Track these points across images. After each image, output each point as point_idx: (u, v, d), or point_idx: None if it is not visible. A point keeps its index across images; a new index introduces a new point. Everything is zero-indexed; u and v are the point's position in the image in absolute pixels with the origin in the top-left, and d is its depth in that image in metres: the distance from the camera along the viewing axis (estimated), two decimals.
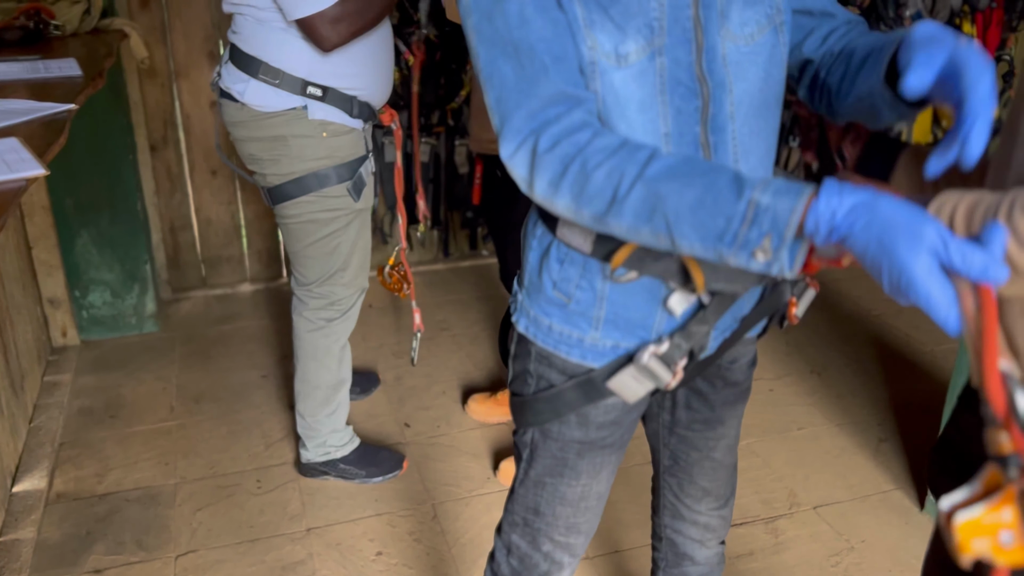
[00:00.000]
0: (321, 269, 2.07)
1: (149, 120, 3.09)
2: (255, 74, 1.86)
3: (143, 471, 2.33)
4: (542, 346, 1.13)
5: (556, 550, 1.25)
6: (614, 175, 0.87)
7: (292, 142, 1.90)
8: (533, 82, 0.91)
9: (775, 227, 0.79)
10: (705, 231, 0.83)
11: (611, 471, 1.22)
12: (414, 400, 2.69)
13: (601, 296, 1.06)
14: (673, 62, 0.95)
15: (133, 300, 3.02)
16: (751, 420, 2.58)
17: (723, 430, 1.28)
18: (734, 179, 0.82)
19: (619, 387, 1.08)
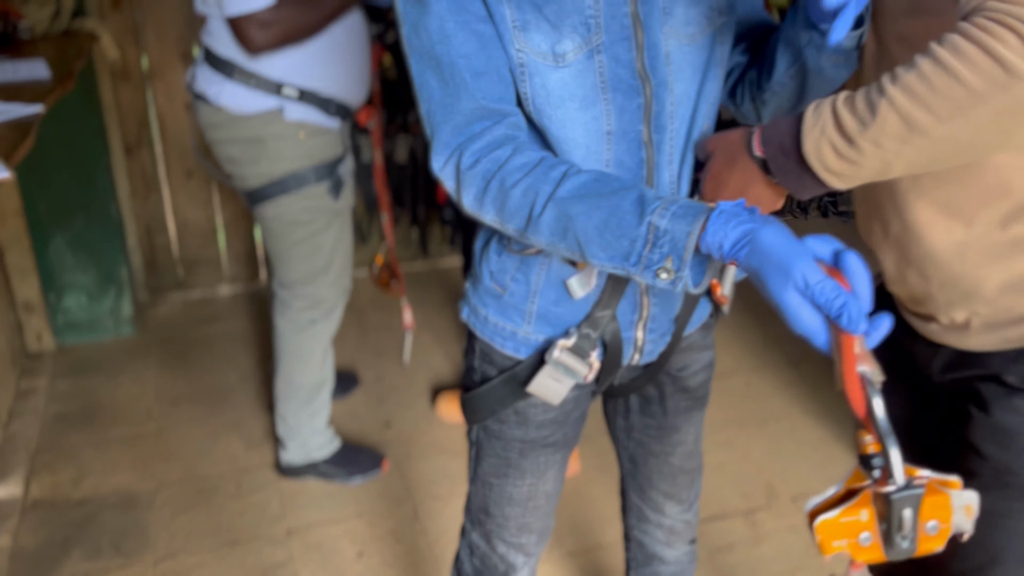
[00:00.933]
0: (304, 270, 2.07)
1: (123, 122, 3.07)
2: (229, 76, 1.85)
3: (121, 476, 2.32)
4: (480, 336, 1.14)
5: (510, 551, 1.25)
6: (529, 194, 0.90)
7: (270, 143, 1.89)
8: (456, 97, 0.93)
9: (674, 250, 0.82)
10: (612, 252, 0.86)
11: (558, 470, 1.22)
12: (394, 399, 2.69)
13: (534, 290, 1.07)
14: (612, 60, 0.94)
15: (109, 303, 2.99)
16: (729, 413, 2.59)
17: (679, 437, 1.27)
18: (638, 201, 0.85)
19: (539, 390, 1.08)
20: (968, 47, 0.72)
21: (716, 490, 2.26)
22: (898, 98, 0.76)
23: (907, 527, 0.72)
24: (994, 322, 0.97)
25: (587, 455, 2.35)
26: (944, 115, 0.75)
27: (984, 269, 0.94)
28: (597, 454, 2.32)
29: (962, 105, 0.74)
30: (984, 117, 0.74)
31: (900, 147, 0.78)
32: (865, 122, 0.78)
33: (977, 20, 0.73)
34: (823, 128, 0.82)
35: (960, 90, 0.73)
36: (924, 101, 0.75)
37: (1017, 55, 0.70)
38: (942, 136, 0.76)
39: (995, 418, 0.99)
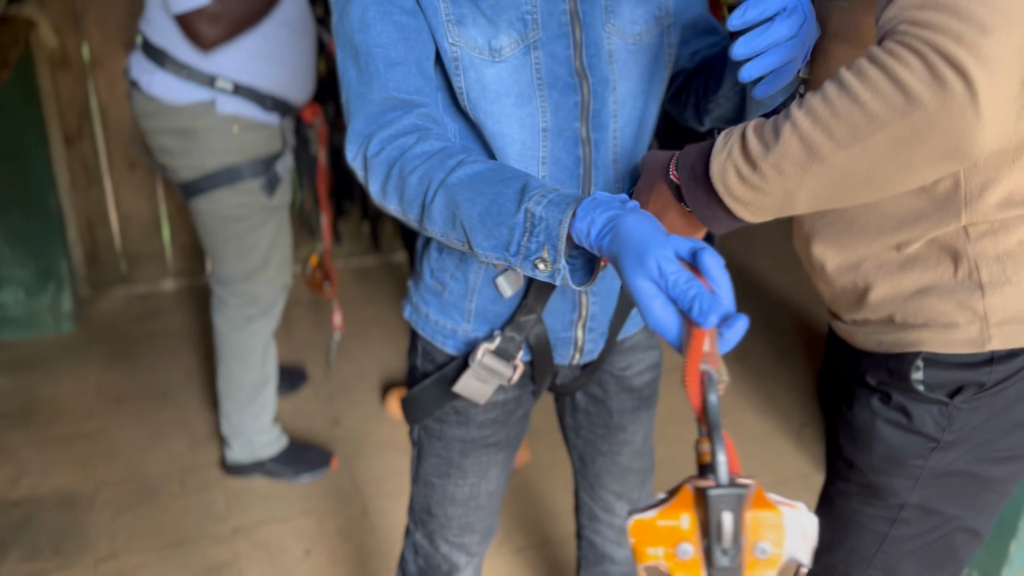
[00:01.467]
0: (240, 267, 2.03)
1: (63, 112, 2.98)
2: (162, 65, 1.82)
3: (60, 475, 2.26)
4: (422, 335, 1.14)
5: (453, 551, 1.25)
6: (424, 181, 0.87)
7: (201, 135, 1.86)
8: (369, 87, 0.92)
9: (549, 239, 0.78)
10: (494, 241, 0.82)
11: (500, 469, 1.21)
12: (343, 397, 2.66)
13: (472, 288, 1.07)
14: (549, 56, 0.94)
15: (48, 298, 2.91)
16: (676, 408, 2.62)
17: (625, 436, 1.28)
18: (520, 189, 0.82)
19: (465, 390, 1.08)
20: (872, 71, 0.70)
21: (664, 484, 2.27)
22: (801, 122, 0.73)
23: (727, 538, 0.62)
24: (876, 327, 1.03)
25: (538, 450, 2.36)
26: (843, 140, 0.72)
27: (873, 279, 1.00)
28: (548, 449, 2.33)
29: (861, 131, 0.71)
30: (881, 144, 0.71)
31: (801, 174, 0.75)
32: (768, 146, 0.76)
33: (887, 44, 0.70)
34: (730, 151, 0.79)
35: (860, 115, 0.70)
36: (825, 125, 0.72)
37: (919, 81, 0.67)
38: (840, 164, 0.73)
39: (854, 413, 1.05)
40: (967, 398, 0.98)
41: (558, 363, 1.13)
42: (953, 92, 0.66)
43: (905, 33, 0.69)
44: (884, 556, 1.07)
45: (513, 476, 2.28)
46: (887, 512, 1.05)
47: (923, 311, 0.97)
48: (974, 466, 1.02)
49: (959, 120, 0.67)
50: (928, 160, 0.71)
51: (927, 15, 0.68)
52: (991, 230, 0.93)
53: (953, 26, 0.67)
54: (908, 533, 1.05)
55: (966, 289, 0.95)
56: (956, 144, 0.69)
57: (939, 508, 1.04)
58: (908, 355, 0.99)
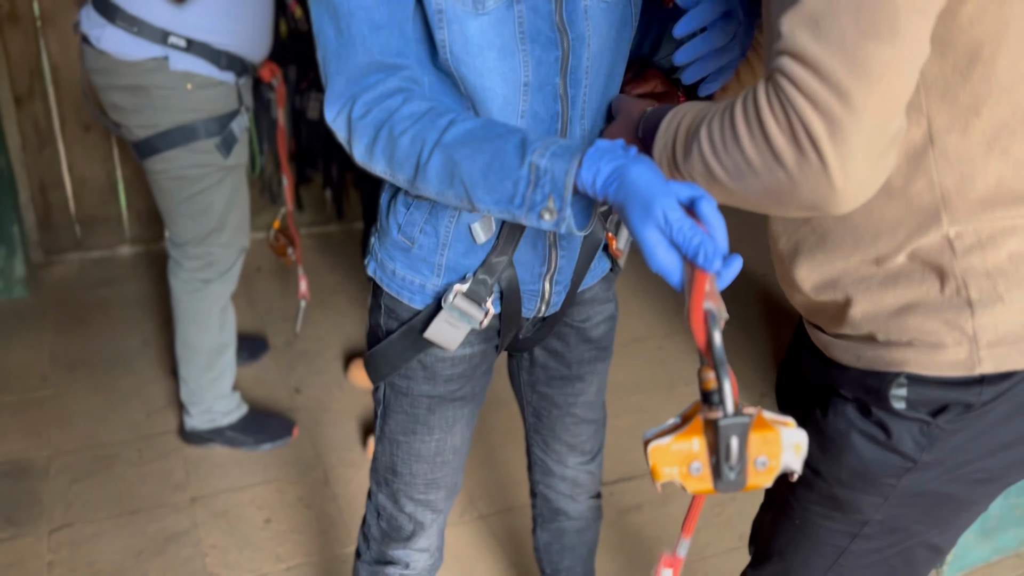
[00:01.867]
0: (195, 229, 1.99)
1: (13, 70, 2.88)
2: (112, 20, 1.76)
3: (12, 443, 2.21)
4: (387, 291, 1.13)
5: (418, 509, 1.25)
6: (416, 141, 0.89)
7: (154, 92, 1.80)
8: (351, 49, 0.91)
9: (555, 189, 0.82)
10: (497, 195, 0.86)
11: (465, 424, 1.22)
12: (305, 365, 2.63)
13: (443, 243, 1.07)
14: (531, 10, 0.94)
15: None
16: (640, 377, 2.64)
17: (581, 386, 1.30)
18: (520, 143, 0.85)
19: (436, 335, 1.09)
20: (754, 119, 0.74)
21: (626, 452, 2.30)
22: (704, 145, 0.80)
23: (734, 457, 0.72)
24: (856, 342, 0.98)
25: (500, 419, 2.36)
26: (732, 173, 0.78)
27: (853, 295, 0.94)
28: (510, 418, 2.33)
29: (742, 171, 0.77)
30: (757, 187, 0.76)
31: (707, 186, 0.81)
32: (686, 155, 0.82)
33: (769, 91, 0.73)
34: (666, 142, 0.86)
35: (740, 158, 0.76)
36: (719, 156, 0.78)
37: (785, 142, 0.72)
38: (732, 190, 0.79)
39: (828, 421, 1.00)
40: (951, 418, 0.91)
41: (525, 316, 1.15)
42: (809, 161, 0.71)
43: (779, 85, 0.72)
44: (839, 569, 1.03)
45: (477, 444, 2.28)
46: (848, 527, 1.01)
47: (908, 329, 0.91)
48: (949, 487, 0.96)
49: (814, 186, 0.72)
50: (796, 209, 0.77)
51: (794, 68, 0.70)
52: (978, 244, 0.87)
53: (813, 87, 0.69)
54: (867, 548, 1.01)
55: (954, 307, 0.88)
56: (815, 204, 0.75)
57: (904, 525, 0.99)
58: (889, 373, 0.93)
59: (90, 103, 2.03)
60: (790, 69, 0.71)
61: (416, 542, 1.28)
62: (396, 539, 1.28)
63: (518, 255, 1.09)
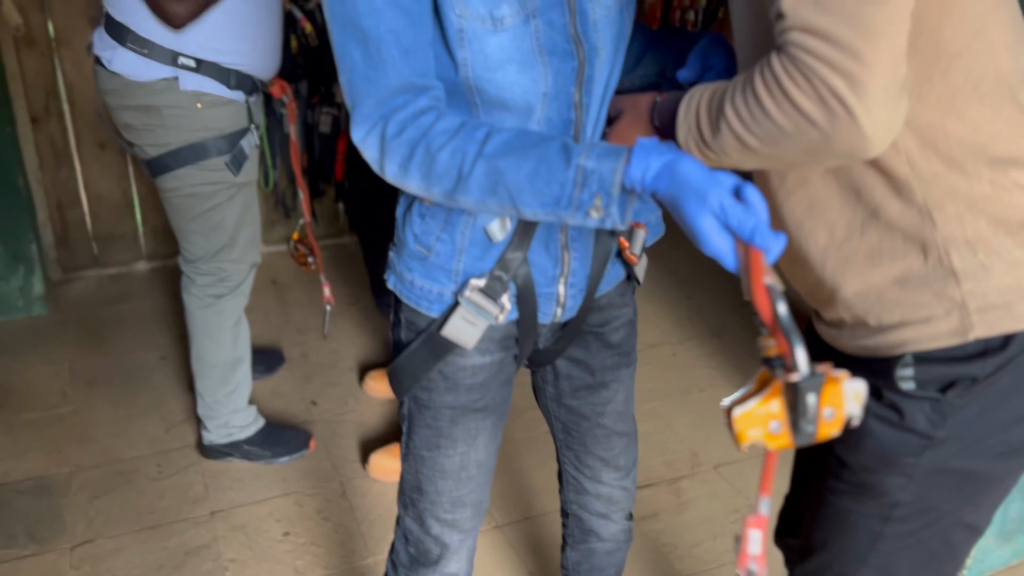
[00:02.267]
0: (207, 245, 2.02)
1: (29, 91, 2.92)
2: (123, 42, 1.79)
3: (34, 460, 2.23)
4: (406, 302, 1.14)
5: (444, 531, 1.25)
6: (457, 155, 0.93)
7: (165, 112, 1.83)
8: (381, 72, 0.94)
9: (603, 187, 0.89)
10: (544, 198, 0.92)
11: (488, 438, 1.22)
12: (320, 377, 2.65)
13: (460, 248, 1.09)
14: (547, 24, 0.97)
15: (19, 282, 2.87)
16: (655, 384, 2.64)
17: (607, 395, 1.29)
18: (562, 147, 0.91)
19: (453, 333, 1.11)
20: (777, 91, 0.82)
21: (641, 460, 2.28)
22: (732, 120, 0.87)
23: (811, 413, 0.79)
24: (854, 329, 1.02)
25: (515, 428, 2.36)
26: (765, 140, 0.85)
27: (842, 275, 0.99)
28: (526, 427, 2.34)
29: (775, 137, 0.84)
30: (793, 149, 0.84)
31: (741, 157, 0.90)
32: (714, 132, 0.90)
33: (785, 62, 0.81)
34: (690, 126, 0.93)
35: (772, 126, 0.84)
36: (749, 128, 0.86)
37: (812, 105, 0.80)
38: (768, 155, 0.87)
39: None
40: (959, 392, 0.95)
41: (541, 321, 1.16)
42: (838, 116, 0.79)
43: (794, 56, 0.80)
44: (878, 555, 1.06)
45: None
46: (880, 511, 1.03)
47: (899, 306, 0.95)
48: (971, 462, 0.99)
49: (848, 136, 0.80)
50: (835, 160, 0.86)
51: (805, 39, 0.79)
52: (956, 213, 0.91)
53: (827, 52, 0.78)
54: (902, 531, 1.04)
55: (940, 278, 0.93)
56: (851, 152, 0.82)
57: (934, 505, 1.02)
58: (894, 357, 0.97)
59: (104, 123, 2.06)
60: (802, 41, 0.79)
61: (445, 566, 1.28)
62: (424, 564, 1.28)
63: (532, 257, 1.10)
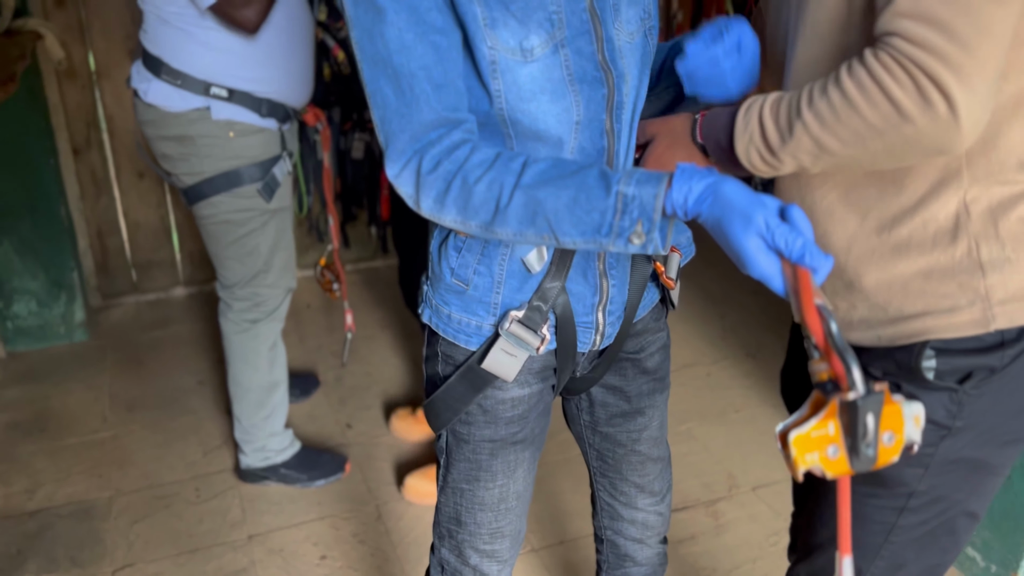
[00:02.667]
0: (242, 271, 2.05)
1: (70, 122, 3.00)
2: (158, 74, 1.84)
3: (75, 485, 2.27)
4: (443, 336, 1.14)
5: (483, 561, 1.24)
6: (494, 187, 0.93)
7: (199, 141, 1.88)
8: (414, 107, 0.94)
9: (644, 213, 0.88)
10: (584, 226, 0.91)
11: (527, 469, 1.22)
12: (355, 400, 2.67)
13: (499, 281, 1.08)
14: (576, 53, 0.98)
15: (61, 309, 2.93)
16: (689, 405, 2.62)
17: (643, 421, 1.28)
18: (600, 175, 0.90)
19: (494, 366, 1.10)
20: (871, 86, 0.83)
21: (678, 482, 2.27)
22: (811, 123, 0.88)
23: (870, 435, 0.77)
24: (870, 319, 1.03)
25: (548, 451, 2.36)
26: (848, 142, 0.87)
27: (865, 265, 1.01)
28: (560, 449, 2.33)
29: (862, 136, 0.86)
30: (879, 148, 0.86)
31: (813, 161, 0.91)
32: (784, 139, 0.91)
33: (883, 56, 0.83)
34: (751, 136, 0.95)
35: (860, 123, 0.85)
36: (831, 128, 0.87)
37: (910, 100, 0.81)
38: (847, 156, 0.89)
39: None
40: (976, 383, 0.99)
41: (580, 350, 1.15)
42: (938, 111, 0.81)
43: (898, 48, 0.82)
44: (891, 546, 1.07)
45: None
46: (895, 502, 1.05)
47: (922, 296, 0.98)
48: (981, 451, 1.03)
49: (943, 132, 0.82)
50: (918, 157, 0.88)
51: (918, 30, 0.80)
52: (989, 208, 0.95)
53: (939, 44, 0.79)
54: (915, 521, 1.06)
55: (966, 269, 0.96)
56: (940, 148, 0.84)
57: (945, 495, 1.05)
58: (915, 345, 0.99)
59: (144, 153, 2.11)
60: (915, 32, 0.80)
61: None
62: None
63: (571, 286, 1.10)
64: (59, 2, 2.85)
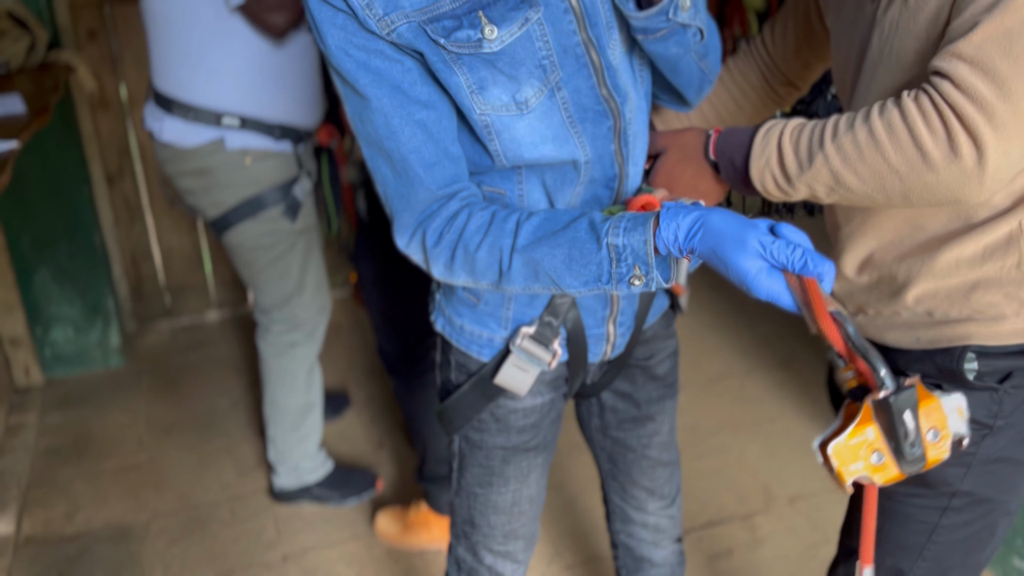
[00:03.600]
0: (277, 294, 2.06)
1: (104, 152, 3.06)
2: (169, 110, 1.86)
3: (113, 508, 2.30)
4: (456, 346, 1.15)
5: (498, 561, 1.26)
6: (494, 252, 0.94)
7: (217, 172, 1.90)
8: (411, 187, 0.96)
9: (638, 259, 0.88)
10: (584, 278, 0.91)
11: (540, 474, 1.23)
12: (387, 419, 2.67)
13: (509, 296, 1.09)
14: (573, 92, 0.95)
15: (97, 334, 2.98)
16: (723, 417, 2.59)
17: (653, 427, 1.29)
18: (589, 228, 0.90)
19: (506, 380, 1.10)
20: (900, 128, 0.82)
21: (713, 495, 2.25)
22: (832, 157, 0.87)
23: (912, 432, 0.74)
24: (912, 322, 1.03)
25: (580, 466, 2.34)
26: (866, 180, 0.86)
27: (915, 278, 1.00)
28: (590, 465, 2.31)
29: (882, 176, 0.85)
30: (896, 190, 0.85)
31: (828, 193, 0.91)
32: (802, 167, 0.90)
33: (922, 100, 0.81)
34: (768, 160, 0.94)
35: (882, 164, 0.84)
36: (852, 165, 0.86)
37: (939, 149, 0.80)
38: (862, 194, 0.88)
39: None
40: (1017, 383, 0.99)
41: (591, 361, 1.16)
42: (964, 161, 0.79)
43: (943, 92, 0.80)
44: (934, 546, 1.07)
45: (558, 493, 2.27)
46: (937, 502, 1.05)
47: (968, 303, 0.98)
48: (1018, 451, 1.03)
49: (964, 183, 0.81)
50: (932, 204, 0.86)
51: (971, 78, 0.78)
52: None
53: (988, 98, 0.77)
54: (957, 521, 1.05)
55: (1013, 281, 0.96)
56: (957, 198, 0.83)
57: (988, 496, 1.05)
58: (955, 348, 0.99)
59: (167, 191, 2.14)
60: (967, 80, 0.79)
61: None
62: None
63: (581, 300, 1.10)
64: (91, 35, 2.92)
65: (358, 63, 0.89)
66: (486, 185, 1.02)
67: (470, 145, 0.98)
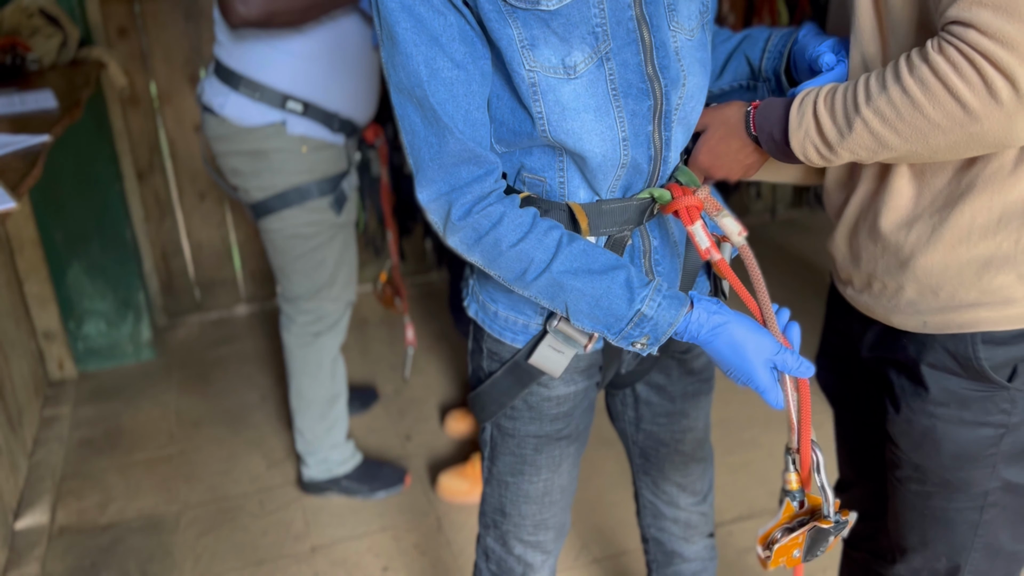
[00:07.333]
0: (308, 284, 2.07)
1: (134, 148, 3.09)
2: (236, 87, 1.86)
3: (145, 499, 2.32)
4: (489, 332, 1.14)
5: (527, 551, 1.25)
6: (524, 258, 0.96)
7: (273, 156, 1.90)
8: (441, 137, 0.94)
9: (653, 332, 0.96)
10: (596, 322, 0.98)
11: (572, 463, 1.22)
12: (414, 412, 2.68)
13: None
14: (621, 65, 0.94)
15: (128, 328, 3.01)
16: (754, 412, 2.56)
17: (687, 423, 1.28)
18: (626, 285, 0.95)
19: (541, 361, 1.10)
20: (935, 84, 0.82)
21: (743, 490, 2.23)
22: (871, 120, 0.88)
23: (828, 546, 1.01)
24: (918, 302, 1.02)
25: (608, 460, 2.33)
26: (908, 138, 0.86)
27: (923, 244, 0.99)
28: (619, 459, 2.30)
29: (924, 133, 0.85)
30: (941, 144, 0.85)
31: (871, 155, 0.91)
32: (842, 134, 0.91)
33: (950, 52, 0.80)
34: (807, 131, 0.94)
35: (923, 122, 0.84)
36: (892, 125, 0.86)
37: (978, 99, 0.80)
38: (906, 151, 0.88)
39: (909, 419, 1.08)
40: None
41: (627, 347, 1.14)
42: (1005, 105, 0.79)
43: (969, 41, 0.79)
44: (983, 539, 1.09)
45: (586, 488, 2.26)
46: (973, 502, 1.07)
47: (977, 285, 0.97)
48: None
49: (1008, 125, 0.80)
50: (981, 151, 0.86)
51: (996, 21, 0.77)
52: None
53: (1003, 28, 0.77)
54: (997, 512, 1.08)
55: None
56: (1004, 141, 0.83)
57: (1019, 485, 1.06)
58: (967, 336, 1.00)
59: (211, 168, 2.15)
60: (992, 24, 0.77)
61: None
62: None
63: None
64: (122, 32, 2.95)
65: (403, 5, 0.89)
66: (526, 171, 1.01)
67: (511, 112, 0.97)
